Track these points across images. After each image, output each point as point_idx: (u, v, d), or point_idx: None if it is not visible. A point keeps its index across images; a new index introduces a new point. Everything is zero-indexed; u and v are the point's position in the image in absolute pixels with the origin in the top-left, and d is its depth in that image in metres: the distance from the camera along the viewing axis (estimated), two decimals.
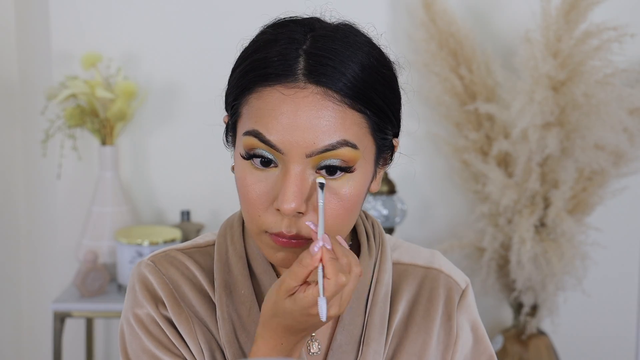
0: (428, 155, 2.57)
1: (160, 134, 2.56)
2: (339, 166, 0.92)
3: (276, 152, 0.91)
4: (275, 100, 0.91)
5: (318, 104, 0.90)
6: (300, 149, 0.90)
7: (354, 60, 0.92)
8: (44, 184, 2.62)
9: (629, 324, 2.69)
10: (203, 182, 2.57)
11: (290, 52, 0.92)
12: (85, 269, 2.29)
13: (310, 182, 0.92)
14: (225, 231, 1.07)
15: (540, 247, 2.27)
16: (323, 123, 0.90)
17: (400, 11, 2.50)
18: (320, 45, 0.92)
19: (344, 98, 0.91)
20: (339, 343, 1.01)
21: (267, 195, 0.93)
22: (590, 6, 2.20)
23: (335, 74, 0.91)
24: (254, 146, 0.92)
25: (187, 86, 2.53)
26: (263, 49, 0.94)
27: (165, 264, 1.05)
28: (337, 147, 0.91)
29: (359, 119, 0.92)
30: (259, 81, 0.93)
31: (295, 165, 0.91)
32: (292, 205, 0.90)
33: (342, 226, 0.95)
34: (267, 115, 0.91)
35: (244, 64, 0.95)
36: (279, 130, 0.90)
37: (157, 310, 1.02)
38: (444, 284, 1.08)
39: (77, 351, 2.64)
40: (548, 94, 2.19)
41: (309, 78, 0.91)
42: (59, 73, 2.48)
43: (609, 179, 2.36)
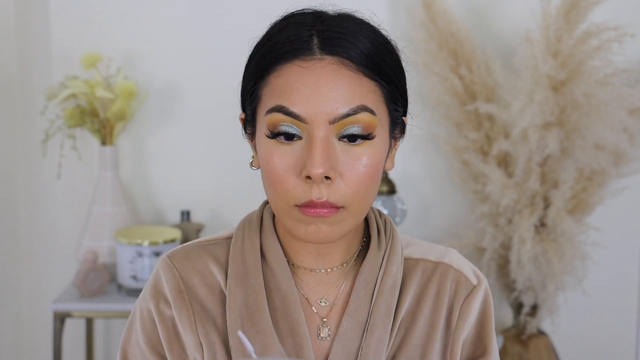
0: (428, 155, 2.57)
1: (160, 134, 2.56)
2: (360, 134, 0.97)
3: (300, 122, 0.95)
4: (295, 74, 0.96)
5: (336, 72, 0.96)
6: (323, 115, 0.95)
7: (363, 35, 0.99)
8: (44, 184, 2.62)
9: (629, 324, 2.69)
10: (203, 182, 2.58)
11: (303, 32, 0.98)
12: (85, 269, 2.29)
13: (336, 149, 0.96)
14: (244, 225, 1.11)
15: (540, 247, 2.27)
16: (342, 90, 0.95)
17: (400, 11, 2.51)
18: (329, 23, 0.99)
19: (359, 67, 0.97)
20: (344, 329, 1.04)
21: (295, 166, 0.97)
22: (590, 6, 2.20)
23: (348, 45, 0.97)
24: (278, 121, 0.96)
25: (187, 86, 2.53)
26: (275, 36, 0.99)
27: (180, 259, 1.09)
28: (357, 112, 0.96)
29: (374, 87, 0.98)
30: (277, 61, 0.98)
31: (320, 132, 0.95)
32: (321, 170, 0.94)
33: (366, 192, 0.99)
34: (289, 89, 0.96)
35: (259, 52, 1.00)
36: (301, 101, 0.95)
37: (157, 307, 1.07)
38: (453, 278, 1.10)
39: (77, 351, 2.64)
40: (548, 94, 2.19)
41: (324, 50, 0.97)
42: (59, 73, 2.48)
43: (609, 179, 2.36)
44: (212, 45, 2.49)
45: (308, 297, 1.07)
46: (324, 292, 1.07)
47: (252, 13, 2.43)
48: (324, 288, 1.07)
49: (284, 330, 1.03)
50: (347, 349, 1.04)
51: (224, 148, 2.52)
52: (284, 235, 1.08)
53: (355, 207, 0.98)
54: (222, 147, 2.52)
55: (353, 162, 0.97)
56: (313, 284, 1.07)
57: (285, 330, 1.03)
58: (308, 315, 1.06)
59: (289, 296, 1.04)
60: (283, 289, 1.05)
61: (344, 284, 1.08)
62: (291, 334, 1.03)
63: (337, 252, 1.07)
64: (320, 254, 1.07)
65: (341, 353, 1.03)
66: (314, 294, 1.07)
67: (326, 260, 1.07)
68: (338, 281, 1.08)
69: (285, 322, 1.04)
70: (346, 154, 0.96)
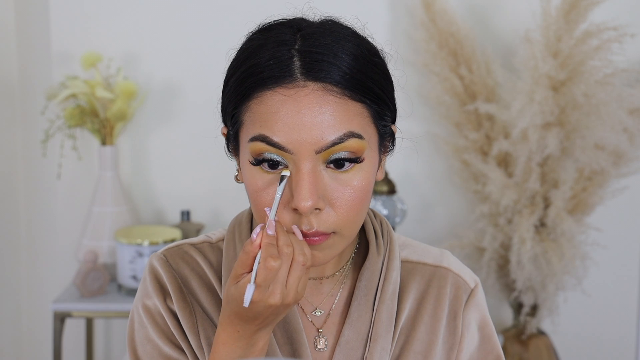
0: (428, 155, 2.57)
1: (160, 134, 2.56)
2: (348, 158, 0.93)
3: (285, 153, 0.92)
4: (277, 102, 0.92)
5: (320, 99, 0.91)
6: (308, 146, 0.91)
7: (346, 52, 0.93)
8: (44, 184, 2.62)
9: (629, 324, 2.69)
10: (203, 182, 2.57)
11: (283, 53, 0.93)
12: (85, 269, 2.29)
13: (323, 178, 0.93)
14: (234, 228, 1.09)
15: (540, 247, 2.27)
16: (327, 118, 0.91)
17: (400, 11, 2.50)
18: (311, 42, 0.93)
19: (344, 90, 0.92)
20: (346, 339, 1.02)
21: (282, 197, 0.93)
22: (590, 6, 2.20)
23: (331, 68, 0.92)
24: (261, 150, 0.93)
25: (187, 86, 2.53)
26: (254, 55, 0.94)
27: (176, 259, 1.07)
28: (344, 140, 0.92)
29: (361, 109, 0.94)
30: (257, 87, 0.93)
31: (306, 163, 0.92)
32: (309, 203, 0.91)
33: (357, 216, 0.96)
34: (271, 118, 0.91)
35: (238, 72, 0.95)
36: (285, 131, 0.91)
37: (164, 303, 1.05)
38: (452, 283, 1.09)
39: (77, 351, 2.64)
40: (548, 94, 2.19)
41: (307, 76, 0.92)
42: (59, 73, 2.48)
43: (609, 179, 2.36)
44: (212, 45, 2.48)
45: (302, 307, 1.05)
46: (318, 301, 1.05)
47: (252, 13, 2.43)
48: (318, 298, 1.05)
49: (282, 337, 1.02)
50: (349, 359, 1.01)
51: (224, 148, 2.52)
52: None
53: (347, 230, 0.96)
54: (222, 147, 2.52)
55: (342, 188, 0.93)
56: (307, 294, 1.05)
57: (283, 337, 1.02)
58: (304, 325, 1.04)
59: None
60: None
61: (340, 293, 1.06)
62: (289, 341, 1.02)
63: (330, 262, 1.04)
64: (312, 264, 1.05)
65: None
66: (308, 304, 1.05)
67: (319, 270, 1.05)
68: (333, 290, 1.06)
69: (283, 329, 1.02)
70: (334, 181, 0.93)
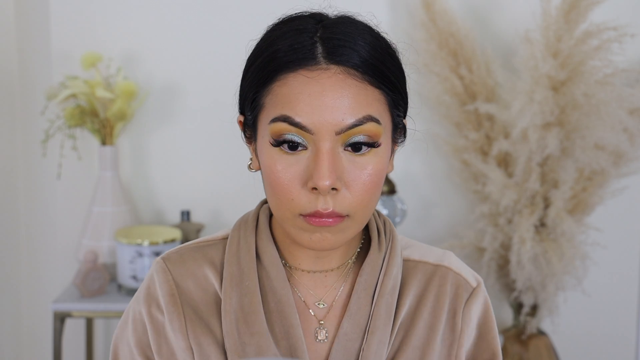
0: (428, 155, 2.57)
1: (160, 134, 2.56)
2: (366, 142, 0.96)
3: (306, 133, 0.95)
4: (300, 83, 0.95)
5: (342, 82, 0.95)
6: (329, 127, 0.94)
7: (365, 41, 0.97)
8: (44, 184, 2.62)
9: (629, 324, 2.69)
10: (203, 182, 2.58)
11: (305, 40, 0.96)
12: (85, 269, 2.29)
13: (341, 160, 0.96)
14: (240, 226, 1.10)
15: (540, 247, 2.27)
16: (348, 100, 0.95)
17: (400, 11, 2.51)
18: (332, 30, 0.97)
19: (364, 75, 0.96)
20: (345, 331, 1.04)
21: (300, 176, 0.96)
22: (590, 6, 2.20)
23: (353, 54, 0.96)
24: (283, 131, 0.95)
25: (187, 86, 2.53)
26: (277, 42, 0.98)
27: (176, 263, 1.09)
28: (363, 122, 0.95)
29: (379, 95, 0.97)
30: (280, 69, 0.96)
31: (326, 143, 0.94)
32: (328, 182, 0.93)
33: (370, 200, 0.99)
34: (294, 99, 0.95)
35: (260, 58, 0.98)
36: (307, 111, 0.94)
37: (149, 311, 1.07)
38: (452, 281, 1.10)
39: (77, 351, 2.64)
40: (548, 94, 2.19)
41: (329, 59, 0.95)
42: (59, 73, 2.48)
43: (609, 179, 2.36)
44: (212, 45, 2.49)
45: (305, 300, 1.07)
46: (322, 294, 1.07)
47: (252, 13, 2.43)
48: (322, 290, 1.08)
49: (279, 332, 1.03)
50: (347, 351, 1.03)
51: (224, 148, 2.52)
52: (282, 238, 1.08)
53: (360, 215, 0.98)
54: (222, 147, 2.52)
55: (358, 171, 0.96)
56: (311, 286, 1.07)
57: (280, 332, 1.03)
58: (305, 317, 1.06)
59: (284, 298, 1.04)
60: (278, 291, 1.05)
61: (343, 286, 1.08)
62: (286, 336, 1.03)
63: (335, 254, 1.07)
64: (318, 256, 1.07)
65: (341, 355, 1.03)
66: (312, 296, 1.07)
67: (324, 263, 1.07)
68: (336, 283, 1.08)
69: (280, 325, 1.04)
70: (351, 164, 0.96)
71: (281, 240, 1.08)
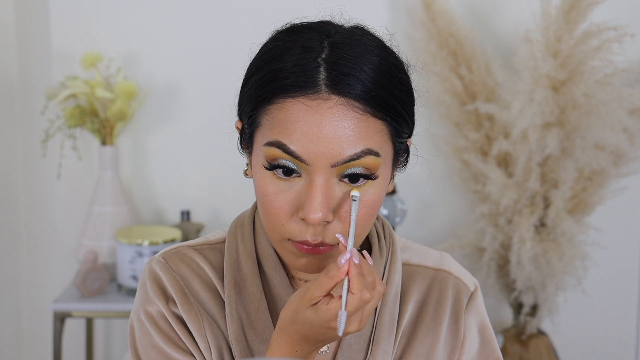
0: (428, 155, 2.57)
1: (160, 134, 2.56)
2: (363, 174, 0.93)
3: (300, 162, 0.91)
4: (299, 111, 0.91)
5: (342, 114, 0.91)
6: (325, 159, 0.91)
7: (373, 68, 0.93)
8: (44, 184, 2.62)
9: (629, 324, 2.69)
10: (203, 182, 2.57)
11: (309, 62, 0.92)
12: (85, 269, 2.29)
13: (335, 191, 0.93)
14: (236, 229, 1.08)
15: (540, 247, 2.27)
16: (347, 133, 0.91)
17: (400, 11, 2.50)
18: (338, 54, 0.92)
19: (367, 107, 0.91)
20: (348, 342, 1.02)
21: (291, 204, 0.93)
22: (590, 6, 2.20)
23: (357, 84, 0.91)
24: (277, 157, 0.92)
25: (187, 86, 2.53)
26: (280, 58, 0.93)
27: (176, 261, 1.05)
28: (361, 156, 0.91)
29: (380, 126, 0.93)
30: (279, 92, 0.92)
31: (321, 176, 0.91)
32: (319, 215, 0.91)
33: (364, 231, 0.97)
34: (291, 127, 0.91)
35: (261, 73, 0.95)
36: (303, 141, 0.90)
37: (167, 307, 1.03)
38: (453, 286, 1.09)
39: (77, 351, 2.64)
40: (548, 94, 2.19)
41: (332, 89, 0.91)
42: (59, 73, 2.48)
43: (609, 179, 2.36)
44: (212, 45, 2.49)
45: None
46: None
47: (252, 13, 2.43)
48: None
49: None
50: None
51: (224, 148, 2.51)
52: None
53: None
54: (222, 146, 2.51)
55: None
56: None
57: None
58: None
59: None
60: (283, 298, 1.02)
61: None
62: None
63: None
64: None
65: None
66: None
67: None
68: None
69: None
70: (346, 195, 0.93)
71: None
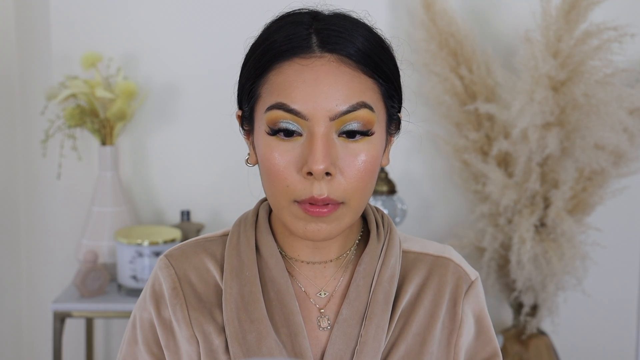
0: (428, 155, 2.57)
1: (160, 134, 2.56)
2: (359, 130, 0.99)
3: (301, 119, 0.97)
4: (295, 71, 0.98)
5: (336, 70, 0.98)
6: (324, 112, 0.97)
7: (360, 34, 1.00)
8: (44, 184, 2.62)
9: (629, 323, 2.69)
10: (203, 182, 2.58)
11: (301, 31, 1.00)
12: (85, 269, 2.29)
13: (335, 145, 0.98)
14: (240, 222, 1.13)
15: (540, 247, 2.27)
16: (342, 87, 0.97)
17: (400, 11, 2.50)
18: (327, 22, 1.01)
19: (357, 64, 0.99)
20: (344, 317, 1.07)
21: (295, 162, 0.98)
22: (590, 6, 2.20)
23: (347, 44, 0.99)
24: (278, 118, 0.98)
25: (187, 86, 2.53)
26: (274, 35, 1.01)
27: (178, 258, 1.12)
28: (357, 109, 0.97)
29: (372, 84, 1.00)
30: (275, 59, 0.99)
31: (320, 129, 0.97)
32: (322, 166, 0.96)
33: (365, 187, 1.01)
34: (289, 87, 0.97)
35: (258, 50, 1.01)
36: (301, 97, 0.97)
37: (158, 310, 1.10)
38: (453, 272, 1.13)
39: (77, 351, 2.64)
40: (548, 94, 2.19)
41: (323, 48, 0.98)
42: (59, 73, 2.48)
43: (609, 179, 2.36)
44: (212, 45, 2.49)
45: (306, 290, 1.09)
46: (322, 284, 1.10)
47: (252, 13, 2.43)
48: (322, 281, 1.10)
49: (279, 320, 1.06)
50: (346, 336, 1.06)
51: (224, 148, 2.52)
52: (281, 230, 1.10)
53: (354, 202, 1.00)
54: (222, 147, 2.52)
55: (352, 158, 0.98)
56: (311, 277, 1.10)
57: (280, 320, 1.06)
58: (307, 307, 1.08)
59: (283, 287, 1.06)
60: (277, 281, 1.07)
61: (343, 276, 1.10)
62: (286, 323, 1.05)
63: (334, 245, 1.09)
64: (317, 247, 1.09)
65: (341, 340, 1.06)
66: (313, 286, 1.09)
67: (323, 254, 1.09)
68: (336, 274, 1.10)
69: (280, 312, 1.06)
70: (345, 150, 0.98)
71: (280, 233, 1.10)
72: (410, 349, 1.08)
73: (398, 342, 1.08)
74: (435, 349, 1.09)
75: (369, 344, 1.05)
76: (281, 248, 1.11)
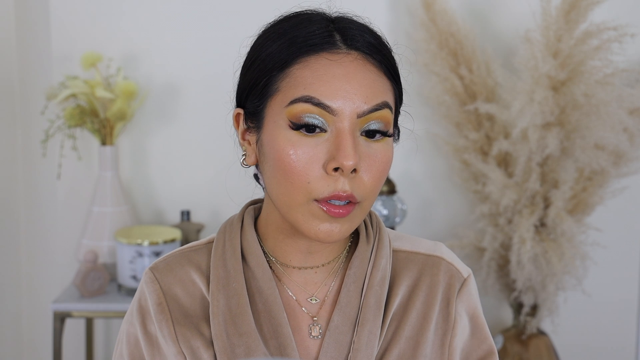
0: (428, 155, 2.57)
1: (160, 134, 2.56)
2: (380, 130, 0.98)
3: (328, 114, 0.96)
4: (323, 66, 0.97)
5: (364, 67, 0.98)
6: (352, 109, 0.96)
7: (373, 36, 1.01)
8: (44, 184, 2.62)
9: (629, 323, 2.69)
10: (203, 182, 2.57)
11: (321, 29, 0.99)
12: (85, 269, 2.29)
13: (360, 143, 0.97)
14: (225, 228, 1.10)
15: (540, 247, 2.27)
16: (369, 85, 0.97)
17: (400, 11, 2.51)
18: (343, 23, 1.00)
19: (380, 65, 0.99)
20: (336, 324, 1.04)
21: (319, 158, 0.96)
22: (590, 6, 2.20)
23: (368, 45, 0.99)
24: (304, 112, 0.96)
25: (187, 86, 2.53)
26: (293, 31, 0.99)
27: (162, 272, 1.09)
28: (381, 108, 0.98)
29: (390, 86, 1.01)
30: (301, 53, 0.97)
31: (348, 125, 0.96)
32: (352, 162, 0.94)
33: (378, 189, 1.01)
34: (317, 81, 0.96)
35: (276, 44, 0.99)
36: (331, 92, 0.95)
37: (143, 325, 1.08)
38: (445, 271, 1.10)
39: (77, 351, 2.64)
40: (548, 94, 2.19)
41: (349, 46, 0.98)
42: (59, 73, 2.48)
43: (609, 179, 2.36)
44: (212, 45, 2.49)
45: (297, 297, 1.07)
46: (313, 290, 1.07)
47: (252, 13, 2.43)
48: (313, 287, 1.07)
49: (268, 332, 1.03)
50: (338, 344, 1.03)
51: (224, 148, 2.51)
52: (273, 235, 1.07)
53: (368, 203, 1.00)
54: (222, 146, 2.52)
55: (373, 157, 0.98)
56: (301, 283, 1.07)
57: (269, 332, 1.03)
58: (298, 315, 1.06)
59: (271, 298, 1.04)
60: (265, 291, 1.05)
61: (334, 282, 1.08)
62: (275, 335, 1.03)
63: (326, 250, 1.07)
64: (310, 251, 1.06)
65: (333, 348, 1.03)
66: (303, 292, 1.07)
67: (315, 259, 1.07)
68: (327, 279, 1.08)
69: (269, 324, 1.04)
70: (367, 149, 0.98)
71: (272, 238, 1.07)
72: (403, 353, 1.05)
73: (391, 347, 1.05)
74: (429, 351, 1.07)
75: (361, 351, 1.02)
76: (271, 254, 1.08)
